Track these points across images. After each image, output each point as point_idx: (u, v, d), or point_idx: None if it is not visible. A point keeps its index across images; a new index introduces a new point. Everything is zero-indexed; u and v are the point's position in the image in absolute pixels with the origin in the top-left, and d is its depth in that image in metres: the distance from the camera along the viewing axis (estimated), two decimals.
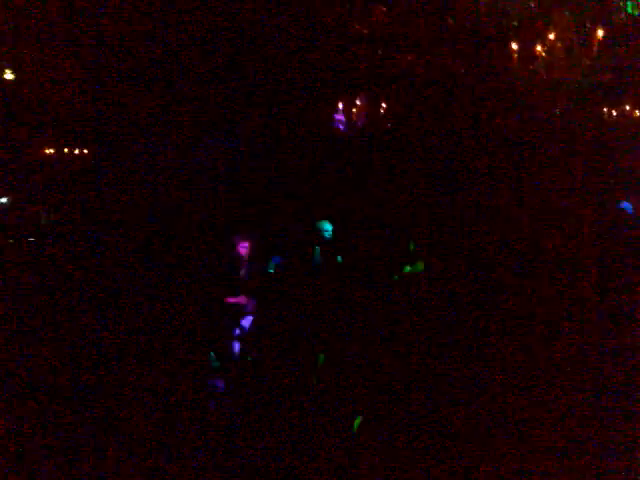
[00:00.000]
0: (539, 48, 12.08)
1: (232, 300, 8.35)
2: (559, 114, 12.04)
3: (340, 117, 10.26)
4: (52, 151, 13.43)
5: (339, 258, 7.74)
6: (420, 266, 6.09)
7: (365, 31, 12.41)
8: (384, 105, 12.26)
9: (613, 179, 9.93)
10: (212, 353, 4.83)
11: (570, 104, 11.99)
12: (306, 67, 12.68)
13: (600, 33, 10.97)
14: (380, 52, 12.49)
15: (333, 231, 8.59)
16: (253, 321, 5.62)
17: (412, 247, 6.88)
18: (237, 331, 5.58)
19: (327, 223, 9.04)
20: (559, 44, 11.65)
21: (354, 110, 12.14)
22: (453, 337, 3.70)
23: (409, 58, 12.33)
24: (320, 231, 8.89)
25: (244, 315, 5.93)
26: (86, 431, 3.73)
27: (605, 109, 11.81)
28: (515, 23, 12.20)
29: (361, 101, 12.13)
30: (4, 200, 11.94)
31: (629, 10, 11.56)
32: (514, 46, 12.14)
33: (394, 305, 4.55)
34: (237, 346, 5.18)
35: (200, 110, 13.17)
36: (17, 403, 4.32)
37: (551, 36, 12.01)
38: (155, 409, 3.78)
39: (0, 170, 11.92)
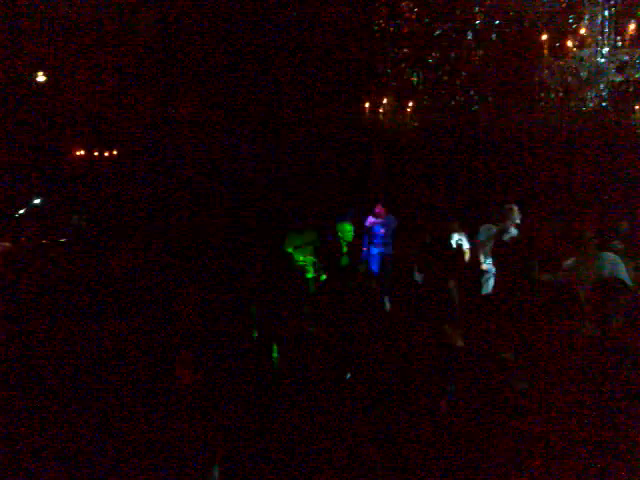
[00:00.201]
0: (570, 44, 11.99)
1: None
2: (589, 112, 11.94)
3: None
4: (82, 153, 13.84)
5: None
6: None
7: (391, 29, 12.49)
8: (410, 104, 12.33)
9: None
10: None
11: (601, 101, 11.87)
12: (331, 66, 12.84)
13: (632, 28, 10.85)
14: (406, 50, 12.56)
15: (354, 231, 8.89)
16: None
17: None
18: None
19: (348, 224, 9.28)
20: (590, 39, 11.54)
21: (380, 110, 12.24)
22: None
23: (435, 56, 12.36)
24: (342, 232, 9.11)
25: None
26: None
27: (637, 106, 11.67)
28: (545, 19, 12.12)
29: (387, 100, 12.22)
30: (37, 201, 12.37)
31: None
32: (544, 39, 12.08)
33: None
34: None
35: (235, 113, 13.44)
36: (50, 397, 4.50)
37: (582, 31, 11.91)
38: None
39: (33, 172, 12.34)
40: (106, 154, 14.11)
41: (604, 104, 12.41)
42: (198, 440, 3.49)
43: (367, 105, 12.24)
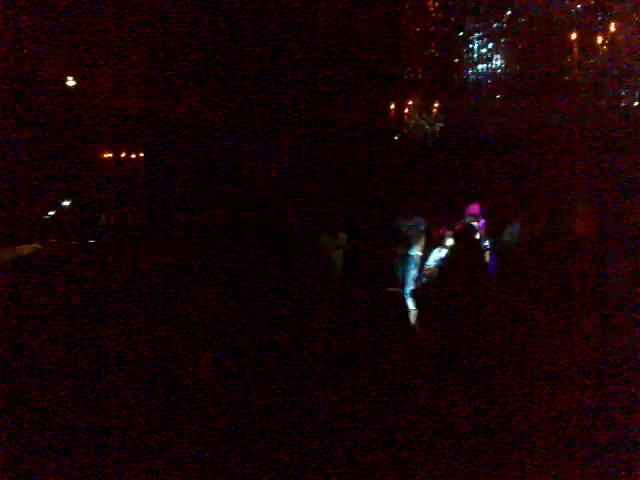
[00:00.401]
0: (600, 40, 11.95)
1: None
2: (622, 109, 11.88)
3: None
4: (110, 155, 14.25)
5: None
6: None
7: (417, 29, 12.62)
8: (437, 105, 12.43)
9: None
10: None
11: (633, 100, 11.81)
12: (356, 66, 13.01)
13: None
14: (433, 50, 12.67)
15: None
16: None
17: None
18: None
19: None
20: (621, 37, 11.49)
21: (406, 110, 12.36)
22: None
23: (462, 55, 12.45)
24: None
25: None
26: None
27: None
28: (574, 17, 12.11)
29: (414, 101, 12.34)
30: (66, 203, 12.81)
31: None
32: (573, 37, 12.06)
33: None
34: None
35: (265, 110, 13.69)
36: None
37: (612, 28, 11.86)
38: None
39: (62, 174, 12.76)
40: (133, 156, 14.52)
41: (637, 103, 12.34)
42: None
43: (392, 107, 12.39)
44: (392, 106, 12.48)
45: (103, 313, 6.62)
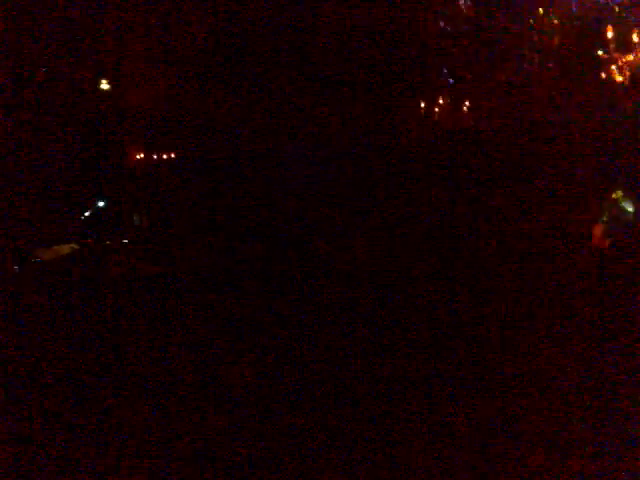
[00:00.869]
0: (636, 38, 11.99)
1: None
2: None
3: None
4: (142, 156, 14.71)
5: None
6: None
7: (448, 28, 12.78)
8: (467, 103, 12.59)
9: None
10: None
11: None
12: (387, 65, 13.18)
13: None
14: (467, 51, 12.80)
15: None
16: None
17: None
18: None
19: None
20: None
21: (436, 109, 12.55)
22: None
23: (493, 54, 12.56)
24: None
25: None
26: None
27: None
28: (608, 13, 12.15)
29: (444, 100, 12.53)
30: (101, 204, 13.32)
31: None
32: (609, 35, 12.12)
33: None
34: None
35: (289, 111, 13.95)
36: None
37: None
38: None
39: (97, 175, 13.26)
40: (164, 156, 14.96)
41: None
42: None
43: (422, 105, 12.59)
44: (422, 105, 12.69)
45: (138, 310, 6.96)
